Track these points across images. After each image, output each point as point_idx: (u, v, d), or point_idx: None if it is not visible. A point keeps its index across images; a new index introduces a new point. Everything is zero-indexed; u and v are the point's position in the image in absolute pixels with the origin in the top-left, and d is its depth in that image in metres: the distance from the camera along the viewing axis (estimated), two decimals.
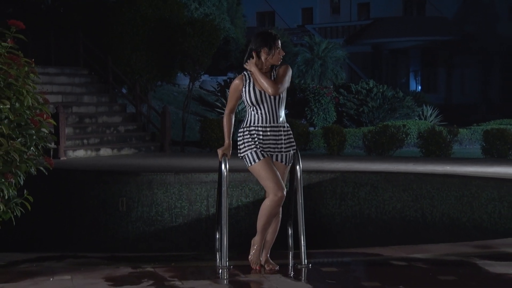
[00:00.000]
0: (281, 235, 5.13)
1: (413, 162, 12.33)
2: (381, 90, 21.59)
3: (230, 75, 25.07)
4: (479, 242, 5.69)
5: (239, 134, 4.96)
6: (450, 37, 32.51)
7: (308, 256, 5.00)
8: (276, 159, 4.89)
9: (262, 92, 4.85)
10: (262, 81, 4.80)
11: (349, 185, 10.36)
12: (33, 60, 4.80)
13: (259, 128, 4.87)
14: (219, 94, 22.45)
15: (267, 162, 4.81)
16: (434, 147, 14.55)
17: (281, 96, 4.91)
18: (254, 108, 4.87)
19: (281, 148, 4.88)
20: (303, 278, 4.76)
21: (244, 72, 4.97)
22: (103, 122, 15.67)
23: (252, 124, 4.89)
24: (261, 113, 4.86)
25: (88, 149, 14.13)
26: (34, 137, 4.64)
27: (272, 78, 4.90)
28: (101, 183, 10.44)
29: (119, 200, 10.21)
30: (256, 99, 4.85)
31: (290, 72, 4.96)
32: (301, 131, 16.11)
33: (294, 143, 4.96)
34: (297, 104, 21.99)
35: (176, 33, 16.63)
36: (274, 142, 4.87)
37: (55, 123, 5.14)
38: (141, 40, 16.76)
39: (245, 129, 4.93)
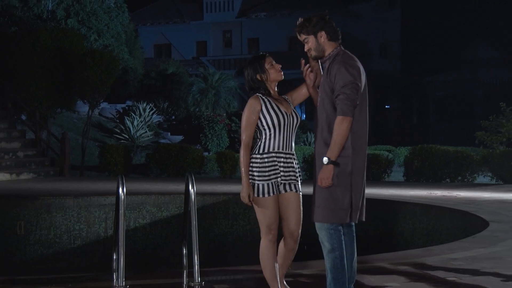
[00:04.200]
0: (176, 255, 5.04)
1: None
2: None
3: (129, 103, 24.70)
4: (357, 258, 5.82)
5: (253, 160, 4.17)
6: None
7: (202, 274, 4.93)
8: (294, 189, 4.26)
9: (285, 113, 4.18)
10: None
11: (240, 206, 10.37)
12: None
13: (281, 155, 4.18)
14: (117, 121, 22.04)
15: (275, 201, 4.21)
16: None
17: (299, 120, 4.28)
18: (273, 132, 4.15)
19: (297, 176, 4.27)
20: None
21: (257, 94, 4.23)
22: (2, 147, 14.97)
23: (272, 150, 4.16)
24: (280, 138, 4.17)
25: None
26: None
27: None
28: None
29: (16, 223, 9.73)
30: (278, 122, 4.15)
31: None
32: (196, 156, 16.04)
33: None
34: (193, 131, 21.95)
35: (76, 62, 16.21)
36: (292, 170, 4.23)
37: None
38: (41, 69, 16.20)
39: (263, 155, 4.16)
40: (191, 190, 4.84)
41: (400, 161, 17.57)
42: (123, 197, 4.82)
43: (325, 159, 4.02)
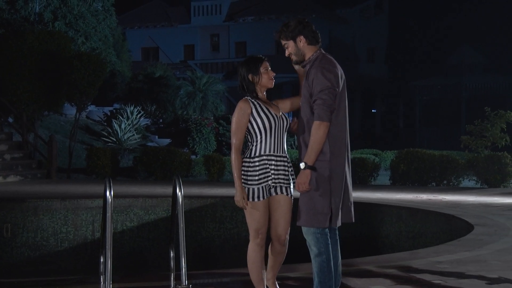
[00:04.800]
0: (163, 258, 5.03)
1: None
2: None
3: (116, 106, 24.62)
4: (343, 261, 5.85)
5: (244, 164, 4.14)
6: None
7: (189, 277, 4.93)
8: (285, 192, 4.22)
9: (275, 116, 4.16)
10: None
11: (227, 209, 10.38)
12: None
13: (272, 158, 4.16)
14: (105, 123, 21.95)
15: (265, 205, 4.18)
16: None
17: (289, 122, 4.25)
18: (264, 135, 4.13)
19: (289, 180, 4.23)
20: None
21: (246, 97, 4.20)
22: None
23: (263, 153, 4.14)
24: (271, 141, 4.14)
25: None
26: None
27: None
28: None
29: (3, 226, 9.66)
30: (270, 124, 4.13)
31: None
32: (183, 159, 16.02)
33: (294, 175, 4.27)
34: (180, 134, 21.91)
35: (63, 65, 16.16)
36: (283, 173, 4.21)
37: None
38: (28, 71, 16.12)
39: (255, 158, 4.14)
40: (179, 193, 4.84)
41: (387, 165, 17.65)
42: (110, 200, 4.81)
43: (302, 164, 4.04)
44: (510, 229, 7.67)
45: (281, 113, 4.27)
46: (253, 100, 4.19)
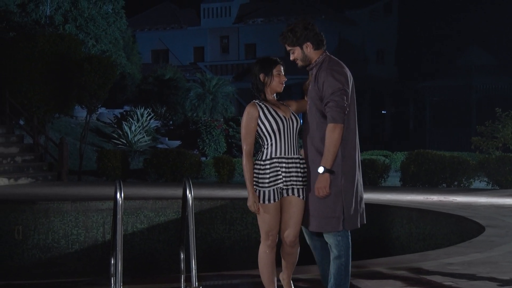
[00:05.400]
0: (174, 259, 5.03)
1: None
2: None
3: (126, 108, 24.70)
4: (354, 262, 5.83)
5: (256, 167, 4.14)
6: None
7: (199, 278, 4.93)
8: (297, 194, 4.16)
9: (284, 118, 4.14)
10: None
11: (237, 211, 10.37)
12: None
13: (282, 160, 4.11)
14: (115, 126, 22.02)
15: (276, 207, 4.15)
16: None
17: (301, 123, 4.22)
18: (274, 138, 4.12)
19: (302, 181, 4.15)
20: None
21: (254, 100, 4.20)
22: (0, 152, 14.93)
23: (274, 156, 4.11)
24: (282, 144, 4.11)
25: None
26: None
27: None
28: None
29: (15, 228, 9.71)
30: (278, 127, 4.10)
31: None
32: (193, 161, 16.02)
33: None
34: (190, 136, 21.92)
35: (73, 68, 16.21)
36: (295, 175, 4.14)
37: None
38: (39, 74, 16.19)
39: (266, 161, 4.12)
40: (189, 195, 4.83)
41: (397, 166, 17.58)
42: (120, 202, 4.82)
43: (320, 169, 3.99)
44: None
45: (290, 114, 4.23)
46: (260, 103, 4.18)
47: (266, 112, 4.14)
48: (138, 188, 13.15)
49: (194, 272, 4.82)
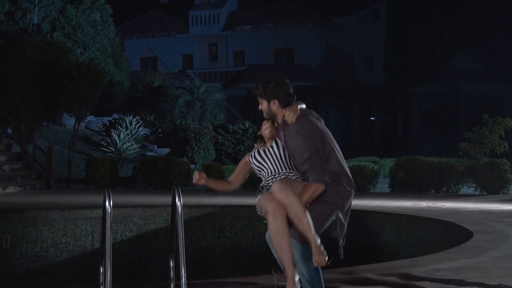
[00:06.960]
0: (163, 267, 5.03)
1: None
2: (256, 130, 21.93)
3: (115, 115, 24.64)
4: (344, 269, 5.84)
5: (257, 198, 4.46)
6: (316, 82, 33.74)
7: (189, 286, 4.93)
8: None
9: (262, 152, 4.45)
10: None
11: (227, 218, 10.37)
12: None
13: (269, 179, 4.38)
14: (104, 133, 21.96)
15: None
16: None
17: (281, 144, 4.39)
18: (261, 170, 4.45)
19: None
20: None
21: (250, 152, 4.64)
22: None
23: (265, 179, 4.43)
24: (268, 172, 4.41)
25: None
26: None
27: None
28: None
29: (2, 237, 9.65)
30: (262, 158, 4.42)
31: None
32: (182, 169, 16.00)
33: None
34: (179, 143, 21.91)
35: (62, 75, 16.17)
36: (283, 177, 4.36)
37: None
38: (27, 82, 16.13)
39: (263, 187, 4.44)
40: (178, 203, 4.84)
41: (386, 173, 17.64)
42: (109, 210, 4.81)
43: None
44: (510, 236, 7.66)
45: (271, 143, 4.40)
46: (252, 152, 4.51)
47: (253, 156, 4.50)
48: (127, 196, 13.11)
49: (183, 280, 4.82)
